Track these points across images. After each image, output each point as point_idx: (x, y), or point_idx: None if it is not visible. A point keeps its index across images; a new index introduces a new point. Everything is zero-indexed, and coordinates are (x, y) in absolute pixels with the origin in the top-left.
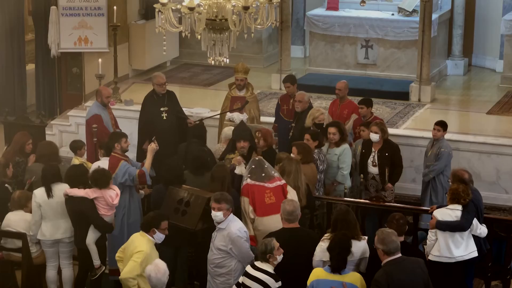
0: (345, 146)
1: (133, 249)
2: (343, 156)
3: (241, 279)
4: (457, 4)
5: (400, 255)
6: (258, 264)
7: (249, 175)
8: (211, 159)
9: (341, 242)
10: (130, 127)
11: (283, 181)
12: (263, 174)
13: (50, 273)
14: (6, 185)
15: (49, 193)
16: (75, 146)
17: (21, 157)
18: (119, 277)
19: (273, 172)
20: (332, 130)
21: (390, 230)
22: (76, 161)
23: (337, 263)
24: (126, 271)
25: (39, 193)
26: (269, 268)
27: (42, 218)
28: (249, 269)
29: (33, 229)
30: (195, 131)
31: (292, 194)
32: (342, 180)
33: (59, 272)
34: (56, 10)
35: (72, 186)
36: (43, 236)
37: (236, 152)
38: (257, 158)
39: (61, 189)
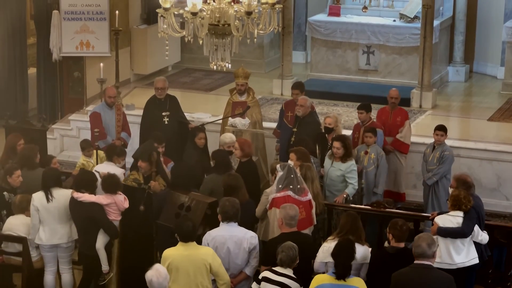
0: (351, 162)
1: (206, 258)
2: (350, 173)
3: (256, 286)
4: (458, 10)
5: (427, 262)
6: (279, 269)
7: (291, 187)
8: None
9: (347, 249)
10: (131, 131)
11: (310, 194)
12: (299, 186)
13: (48, 278)
14: (5, 192)
15: (48, 197)
16: (84, 146)
17: (13, 159)
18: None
19: (304, 183)
20: (336, 144)
21: (424, 235)
22: (81, 159)
23: (343, 270)
24: (226, 276)
25: (37, 197)
26: (291, 272)
27: (40, 222)
28: (268, 274)
29: (31, 233)
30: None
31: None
32: (351, 194)
33: (59, 276)
34: (58, 14)
35: (78, 191)
36: (40, 240)
37: (139, 172)
38: (291, 166)
39: (61, 194)
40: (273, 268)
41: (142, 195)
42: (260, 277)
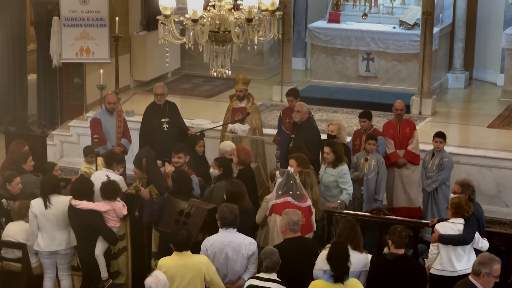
0: (342, 167)
1: (201, 267)
2: (342, 177)
3: None
4: (458, 17)
5: (472, 279)
6: (263, 275)
7: (290, 192)
8: None
9: (340, 251)
10: (131, 137)
11: (309, 200)
12: (298, 192)
13: (47, 284)
14: (3, 200)
15: (46, 204)
16: (86, 152)
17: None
18: None
19: (303, 189)
20: (326, 149)
21: (488, 254)
22: (83, 166)
23: (341, 273)
24: (221, 284)
25: (35, 203)
26: (275, 276)
27: (38, 229)
28: (253, 282)
29: (30, 239)
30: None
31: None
32: (347, 199)
33: (58, 283)
34: (58, 21)
35: (76, 199)
36: (39, 247)
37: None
38: (290, 172)
39: (59, 201)
40: (257, 275)
41: (138, 202)
42: (245, 286)
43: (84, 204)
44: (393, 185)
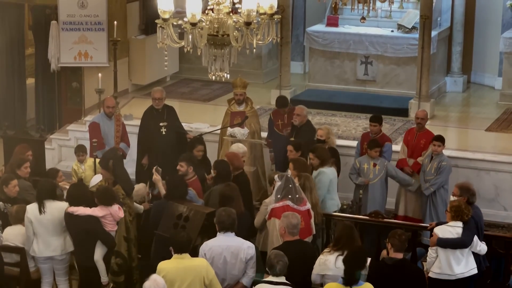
0: (320, 169)
1: (201, 271)
2: (316, 181)
3: None
4: (456, 21)
5: None
6: (273, 278)
7: (289, 196)
8: None
9: (355, 256)
10: (130, 142)
11: (309, 204)
12: (297, 196)
13: None
14: (0, 202)
15: (41, 209)
16: (75, 150)
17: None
18: None
19: (302, 193)
20: (310, 155)
21: None
22: (74, 164)
23: (349, 278)
24: (219, 287)
25: (31, 209)
26: (284, 279)
27: (34, 234)
28: (265, 286)
29: (26, 244)
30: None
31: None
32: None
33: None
34: (57, 25)
35: (72, 205)
36: (34, 252)
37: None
38: (289, 175)
39: (54, 206)
40: (266, 279)
41: None
42: None
43: (81, 210)
44: (400, 192)
